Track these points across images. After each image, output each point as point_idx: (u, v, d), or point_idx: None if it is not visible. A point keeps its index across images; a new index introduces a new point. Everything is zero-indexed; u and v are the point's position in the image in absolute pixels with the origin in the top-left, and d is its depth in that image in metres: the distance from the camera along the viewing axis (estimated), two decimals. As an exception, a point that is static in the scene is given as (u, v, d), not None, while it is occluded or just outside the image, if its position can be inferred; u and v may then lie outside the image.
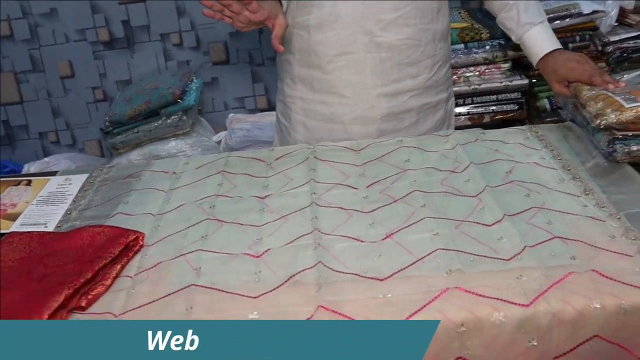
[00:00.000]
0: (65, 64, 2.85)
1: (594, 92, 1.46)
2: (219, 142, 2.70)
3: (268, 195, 1.38)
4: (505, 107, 2.51)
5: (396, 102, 1.70)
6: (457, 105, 2.51)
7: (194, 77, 2.71)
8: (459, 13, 2.69)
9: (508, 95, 2.50)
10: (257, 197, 1.38)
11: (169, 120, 2.55)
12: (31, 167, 2.68)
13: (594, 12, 2.47)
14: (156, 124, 2.56)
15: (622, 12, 2.53)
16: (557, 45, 1.67)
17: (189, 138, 2.59)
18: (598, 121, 1.36)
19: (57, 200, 1.51)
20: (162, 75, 2.79)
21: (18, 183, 1.61)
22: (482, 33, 2.50)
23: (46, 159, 2.77)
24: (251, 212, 1.33)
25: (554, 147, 1.48)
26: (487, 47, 2.50)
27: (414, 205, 1.28)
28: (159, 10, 2.79)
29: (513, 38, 1.75)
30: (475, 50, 2.50)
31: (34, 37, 2.80)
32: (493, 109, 2.51)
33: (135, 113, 2.54)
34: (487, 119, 2.51)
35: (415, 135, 1.66)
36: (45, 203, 1.51)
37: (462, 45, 2.50)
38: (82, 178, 1.61)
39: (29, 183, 1.61)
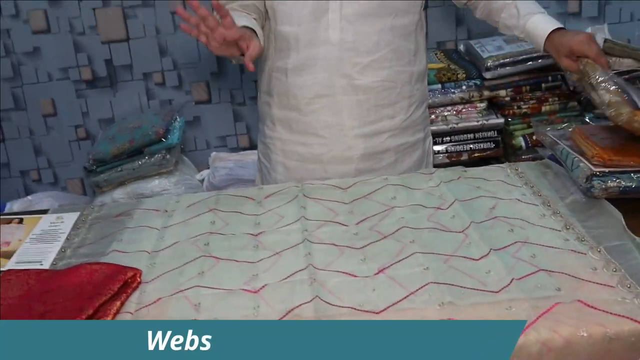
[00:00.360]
0: (47, 102, 2.89)
1: (608, 76, 1.53)
2: (201, 181, 2.74)
3: (261, 233, 1.42)
4: (482, 145, 2.60)
5: (373, 142, 1.76)
6: (435, 143, 2.58)
7: (177, 116, 2.76)
8: (436, 54, 2.78)
9: (485, 133, 2.59)
10: (250, 234, 1.42)
11: (152, 159, 2.59)
12: (14, 206, 2.69)
13: (565, 53, 2.57)
14: (140, 163, 2.59)
15: (592, 54, 2.64)
16: (561, 25, 1.69)
17: (173, 176, 2.63)
18: (610, 111, 1.43)
19: (50, 238, 1.53)
20: (145, 114, 2.84)
21: (9, 221, 1.62)
22: (458, 73, 2.59)
23: (29, 197, 2.78)
24: (245, 249, 1.36)
25: (533, 184, 1.54)
26: (464, 87, 2.59)
27: (403, 241, 1.33)
28: (141, 49, 2.84)
29: (516, 33, 1.75)
30: (452, 90, 2.59)
31: (16, 76, 2.84)
32: (471, 147, 2.59)
33: (119, 152, 2.57)
34: (465, 156, 2.58)
35: (394, 174, 1.71)
36: (39, 241, 1.52)
37: (439, 86, 2.59)
38: (73, 216, 1.63)
39: (20, 221, 1.63)
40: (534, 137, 2.53)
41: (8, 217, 1.66)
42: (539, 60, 2.57)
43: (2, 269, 1.40)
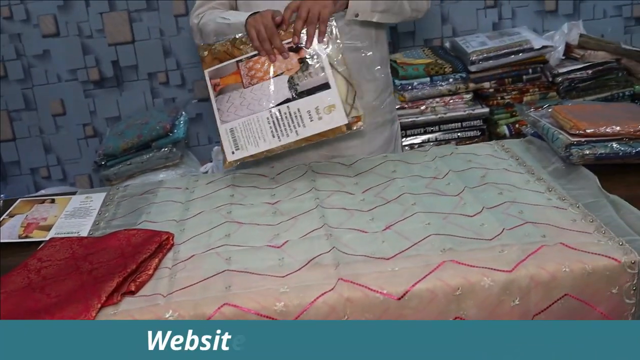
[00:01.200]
0: (57, 102, 3.02)
1: None
2: (206, 173, 2.89)
3: (277, 202, 1.59)
4: (469, 134, 2.78)
5: None
6: (425, 132, 2.76)
7: (182, 112, 2.91)
8: (423, 51, 2.96)
9: (471, 122, 2.77)
10: (268, 203, 1.59)
11: (159, 153, 2.73)
12: (29, 199, 2.82)
13: (544, 47, 2.76)
14: (147, 156, 2.73)
15: (568, 47, 2.84)
16: None
17: (179, 169, 2.77)
18: None
19: (83, 214, 1.68)
20: (151, 111, 2.98)
21: (43, 201, 1.78)
22: (445, 67, 2.77)
23: (42, 191, 2.91)
24: (265, 215, 1.53)
25: (518, 157, 1.72)
26: (451, 80, 2.76)
27: (405, 204, 1.50)
28: (146, 50, 2.99)
29: None
30: (440, 83, 2.76)
31: (27, 78, 2.98)
32: (458, 135, 2.77)
33: (128, 146, 2.71)
34: (453, 144, 2.76)
35: (366, 152, 1.88)
36: (73, 216, 1.67)
37: (427, 79, 2.76)
38: (101, 196, 1.78)
39: (52, 201, 1.78)
40: (517, 126, 2.72)
41: (41, 198, 1.81)
42: (520, 54, 2.76)
43: (44, 239, 1.56)
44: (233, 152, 1.69)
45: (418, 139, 2.76)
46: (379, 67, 1.96)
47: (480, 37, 2.89)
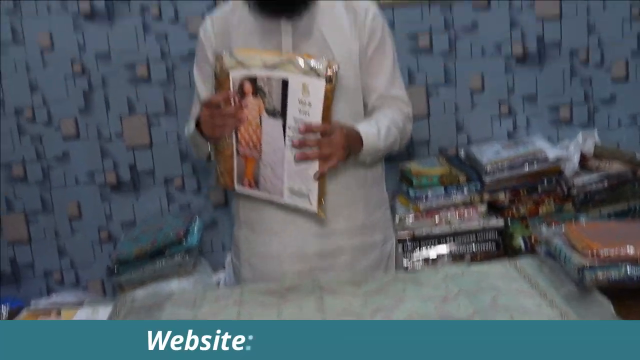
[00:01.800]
0: (73, 204, 3.04)
1: None
2: (217, 283, 2.85)
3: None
4: (484, 247, 2.73)
5: (329, 240, 1.89)
6: (439, 242, 2.73)
7: (196, 218, 2.90)
8: (438, 159, 2.96)
9: (486, 234, 2.73)
10: (275, 324, 1.56)
11: (172, 260, 2.70)
12: (39, 303, 2.80)
13: (558, 158, 2.76)
14: (161, 264, 2.70)
15: (584, 158, 2.84)
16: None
17: (192, 277, 2.73)
18: None
19: (88, 329, 1.66)
20: (165, 217, 2.99)
21: (49, 313, 1.76)
22: (459, 177, 2.76)
23: (53, 296, 2.90)
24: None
25: (531, 277, 1.69)
26: (465, 191, 2.75)
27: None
28: (163, 155, 3.03)
29: None
30: (454, 193, 2.75)
31: (45, 179, 3.01)
32: (473, 250, 2.74)
33: (142, 252, 2.69)
34: (467, 259, 2.71)
35: (351, 274, 1.83)
36: (78, 331, 1.66)
37: (442, 189, 2.75)
38: (107, 310, 1.76)
39: (59, 313, 1.76)
40: (533, 240, 2.67)
41: (47, 310, 1.80)
42: (535, 165, 2.75)
43: None
44: (311, 203, 1.71)
45: (432, 252, 2.73)
46: (373, 186, 1.95)
47: (494, 146, 2.90)
